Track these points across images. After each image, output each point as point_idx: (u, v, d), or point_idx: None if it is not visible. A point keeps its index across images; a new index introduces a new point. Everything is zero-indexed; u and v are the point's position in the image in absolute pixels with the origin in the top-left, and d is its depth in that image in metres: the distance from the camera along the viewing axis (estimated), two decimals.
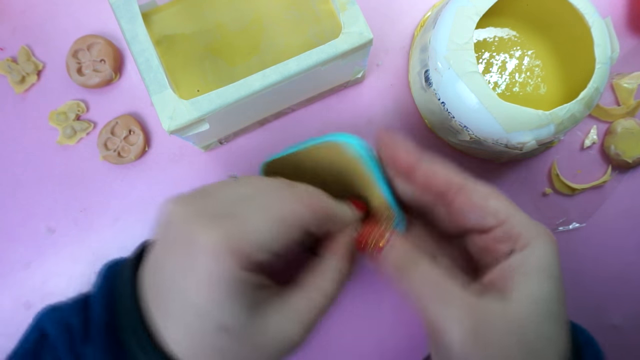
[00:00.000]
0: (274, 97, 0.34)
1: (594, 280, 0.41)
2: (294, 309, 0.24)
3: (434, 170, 0.26)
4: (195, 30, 0.37)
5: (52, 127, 0.41)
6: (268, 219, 0.23)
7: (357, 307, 0.39)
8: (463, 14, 0.33)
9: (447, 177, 0.25)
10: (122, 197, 0.40)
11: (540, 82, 0.40)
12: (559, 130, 0.33)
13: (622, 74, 0.42)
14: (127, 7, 0.31)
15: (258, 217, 0.22)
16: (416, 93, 0.41)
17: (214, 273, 0.21)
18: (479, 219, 0.25)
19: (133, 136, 0.40)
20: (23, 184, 0.40)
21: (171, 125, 0.30)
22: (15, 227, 0.39)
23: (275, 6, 0.37)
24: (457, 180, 0.25)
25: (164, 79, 0.31)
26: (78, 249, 0.39)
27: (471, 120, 0.34)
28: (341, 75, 0.38)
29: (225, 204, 0.23)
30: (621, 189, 0.41)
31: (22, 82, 0.41)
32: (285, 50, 0.37)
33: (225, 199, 0.24)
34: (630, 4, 0.43)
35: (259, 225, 0.22)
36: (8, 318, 0.38)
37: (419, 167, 0.26)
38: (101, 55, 0.40)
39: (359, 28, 0.32)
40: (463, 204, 0.25)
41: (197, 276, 0.22)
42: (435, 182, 0.26)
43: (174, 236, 0.23)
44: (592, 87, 0.33)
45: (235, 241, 0.21)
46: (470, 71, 0.33)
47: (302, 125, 0.41)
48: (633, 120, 0.41)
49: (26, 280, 0.39)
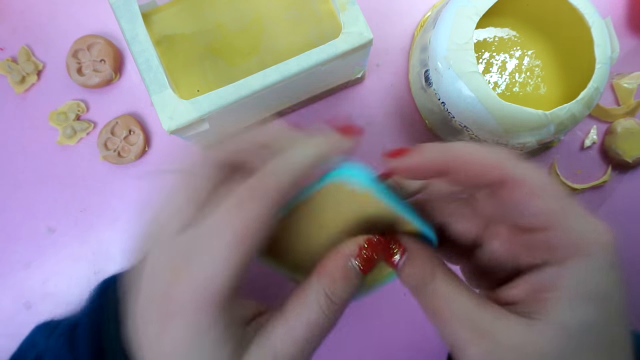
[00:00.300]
0: (274, 97, 0.34)
1: None
2: (275, 344, 0.21)
3: (470, 155, 0.21)
4: (195, 30, 0.37)
5: (52, 127, 0.41)
6: (217, 258, 0.19)
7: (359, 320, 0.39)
8: (463, 14, 0.33)
9: (488, 161, 0.21)
10: (122, 197, 0.40)
11: (540, 82, 0.40)
12: (559, 130, 0.33)
13: (622, 74, 0.42)
14: (127, 7, 0.31)
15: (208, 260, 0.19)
16: (416, 93, 0.41)
17: (184, 335, 0.19)
18: (517, 217, 0.21)
19: (133, 136, 0.40)
20: (23, 184, 0.40)
21: (171, 125, 0.30)
22: (15, 227, 0.39)
23: (275, 6, 0.37)
24: (500, 167, 0.20)
25: (164, 79, 0.31)
26: (78, 249, 0.39)
27: (471, 120, 0.34)
28: (341, 75, 0.38)
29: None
30: (621, 189, 0.41)
31: (22, 82, 0.41)
32: (285, 50, 0.37)
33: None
34: (630, 4, 0.43)
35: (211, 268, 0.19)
36: (8, 318, 0.38)
37: (452, 159, 0.21)
38: (101, 55, 0.40)
39: (359, 28, 0.32)
40: (504, 199, 0.21)
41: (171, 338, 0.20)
42: (475, 171, 0.21)
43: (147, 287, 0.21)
44: (592, 87, 0.33)
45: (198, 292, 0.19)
46: (470, 71, 0.33)
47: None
48: (633, 120, 0.41)
49: (26, 280, 0.39)
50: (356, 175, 0.22)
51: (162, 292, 0.20)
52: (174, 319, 0.19)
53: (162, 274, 0.20)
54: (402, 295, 0.39)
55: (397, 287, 0.41)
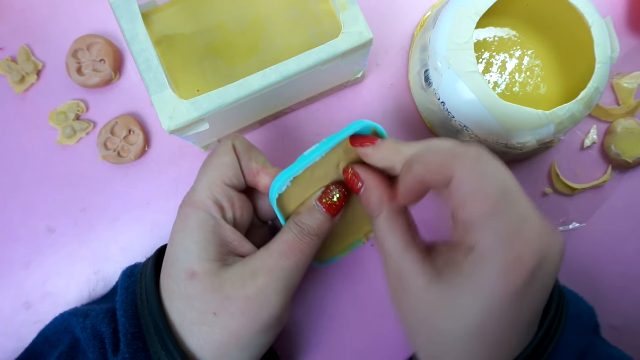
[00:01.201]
0: (274, 97, 0.34)
1: (594, 280, 0.41)
2: (254, 259, 0.28)
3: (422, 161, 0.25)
4: (195, 30, 0.37)
5: (52, 127, 0.41)
6: (206, 182, 0.29)
7: (353, 308, 0.39)
8: (463, 13, 0.33)
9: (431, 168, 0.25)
10: (122, 197, 0.40)
11: (541, 82, 0.40)
12: (559, 130, 0.33)
13: (622, 73, 0.42)
14: (127, 7, 0.31)
15: (202, 183, 0.29)
16: (416, 93, 0.41)
17: (181, 223, 0.28)
18: (458, 210, 0.24)
19: (133, 136, 0.40)
20: (23, 184, 0.40)
21: (171, 125, 0.30)
22: (15, 227, 0.39)
23: (275, 6, 0.37)
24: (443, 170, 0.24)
25: (164, 79, 0.31)
26: (78, 249, 0.39)
27: (471, 120, 0.34)
28: (341, 75, 0.38)
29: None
30: (621, 189, 0.41)
31: (22, 82, 0.41)
32: (285, 50, 0.37)
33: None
34: (630, 4, 0.43)
35: (199, 187, 0.29)
36: (8, 318, 0.38)
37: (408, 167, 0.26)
38: (101, 55, 0.40)
39: (359, 28, 0.32)
40: (451, 192, 0.24)
41: (173, 231, 0.28)
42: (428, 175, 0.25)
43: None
44: (592, 87, 0.33)
45: (191, 198, 0.28)
46: (470, 71, 0.33)
47: (302, 125, 0.41)
48: (633, 120, 0.41)
49: (26, 280, 0.39)
50: (370, 126, 0.29)
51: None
52: (179, 219, 0.29)
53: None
54: None
55: None
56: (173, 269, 0.27)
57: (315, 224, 0.29)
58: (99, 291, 0.39)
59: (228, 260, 0.28)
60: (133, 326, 0.28)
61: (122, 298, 0.29)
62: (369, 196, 0.28)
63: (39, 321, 0.38)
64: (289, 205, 0.30)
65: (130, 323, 0.28)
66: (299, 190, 0.29)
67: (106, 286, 0.39)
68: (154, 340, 0.27)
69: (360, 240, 0.34)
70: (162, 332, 0.27)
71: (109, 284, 0.39)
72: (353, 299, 0.39)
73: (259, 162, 0.30)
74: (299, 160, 0.29)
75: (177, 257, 0.27)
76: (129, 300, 0.29)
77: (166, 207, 0.40)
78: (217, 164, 0.29)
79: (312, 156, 0.28)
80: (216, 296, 0.26)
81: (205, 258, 0.27)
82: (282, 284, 0.27)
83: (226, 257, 0.28)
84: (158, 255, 0.31)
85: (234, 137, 0.30)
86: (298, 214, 0.29)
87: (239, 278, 0.27)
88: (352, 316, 0.39)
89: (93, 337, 0.29)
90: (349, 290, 0.39)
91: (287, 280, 0.27)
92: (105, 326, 0.29)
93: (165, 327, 0.27)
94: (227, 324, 0.26)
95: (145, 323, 0.28)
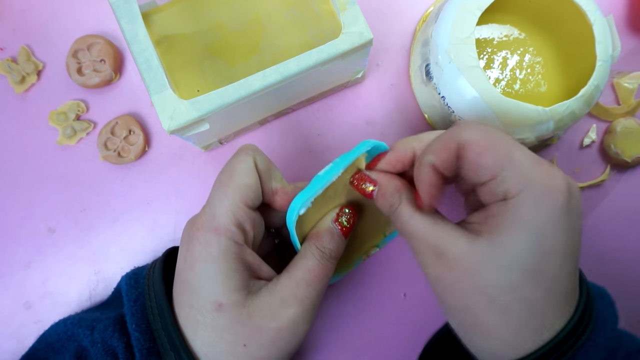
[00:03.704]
0: (274, 97, 0.34)
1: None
2: (281, 288, 0.27)
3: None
4: (195, 30, 0.37)
5: (52, 127, 0.41)
6: (227, 204, 0.27)
7: (355, 306, 0.39)
8: (465, 8, 0.33)
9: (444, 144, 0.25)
10: (122, 197, 0.40)
11: (541, 79, 0.40)
12: (559, 127, 0.33)
13: (622, 73, 0.42)
14: (127, 7, 0.31)
15: (222, 205, 0.28)
16: (417, 88, 0.41)
17: (202, 251, 0.27)
18: (475, 175, 0.25)
19: (133, 136, 0.40)
20: (23, 184, 0.40)
21: (171, 125, 0.30)
22: (15, 227, 0.39)
23: (275, 6, 0.37)
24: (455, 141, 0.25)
25: (164, 79, 0.31)
26: (78, 249, 0.39)
27: (471, 115, 0.34)
28: (341, 75, 0.38)
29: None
30: (620, 187, 0.41)
31: (22, 82, 0.41)
32: (285, 50, 0.37)
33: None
34: (630, 4, 0.43)
35: (221, 210, 0.27)
36: (8, 318, 0.38)
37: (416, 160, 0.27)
38: (101, 55, 0.40)
39: (359, 28, 0.32)
40: (462, 163, 0.25)
41: (192, 257, 0.27)
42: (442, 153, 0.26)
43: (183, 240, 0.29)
44: (592, 85, 0.33)
45: (211, 221, 0.27)
46: (470, 65, 0.33)
47: (302, 125, 0.41)
48: (633, 120, 0.41)
49: (26, 280, 0.39)
50: (377, 147, 0.29)
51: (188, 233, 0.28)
52: (195, 242, 0.27)
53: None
54: (401, 296, 0.39)
55: (397, 288, 0.41)
56: (195, 298, 0.27)
57: (335, 247, 0.29)
58: (99, 291, 0.39)
59: (251, 286, 0.27)
60: (148, 341, 0.28)
61: (132, 311, 0.29)
62: (384, 192, 0.28)
63: (39, 321, 0.38)
64: (302, 225, 0.30)
65: (145, 338, 0.28)
66: (312, 210, 0.29)
67: (106, 286, 0.39)
68: (169, 356, 0.27)
69: (360, 257, 0.34)
70: (179, 349, 0.26)
71: (109, 284, 0.39)
72: (353, 299, 0.39)
73: (278, 181, 0.29)
74: (314, 180, 0.28)
75: (200, 286, 0.26)
76: (139, 313, 0.28)
77: (166, 207, 0.40)
78: (239, 185, 0.27)
79: (327, 176, 0.28)
80: (246, 327, 0.26)
81: (231, 288, 0.26)
82: (310, 313, 0.28)
83: (248, 282, 0.27)
84: (164, 260, 0.30)
85: (253, 151, 0.29)
86: (318, 237, 0.29)
87: (268, 308, 0.27)
88: (352, 316, 0.39)
89: (105, 352, 0.28)
90: (349, 290, 0.39)
91: (314, 309, 0.28)
92: (116, 340, 0.28)
93: (183, 345, 0.27)
94: (256, 354, 0.26)
95: (158, 337, 0.28)
